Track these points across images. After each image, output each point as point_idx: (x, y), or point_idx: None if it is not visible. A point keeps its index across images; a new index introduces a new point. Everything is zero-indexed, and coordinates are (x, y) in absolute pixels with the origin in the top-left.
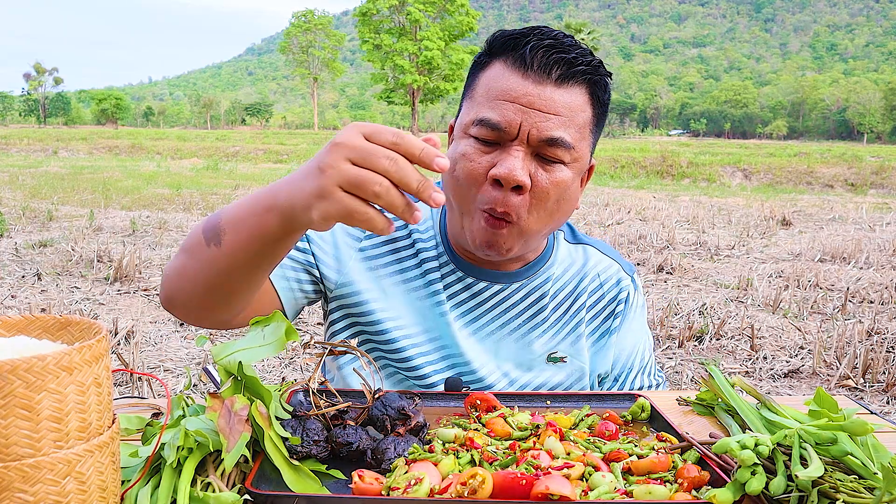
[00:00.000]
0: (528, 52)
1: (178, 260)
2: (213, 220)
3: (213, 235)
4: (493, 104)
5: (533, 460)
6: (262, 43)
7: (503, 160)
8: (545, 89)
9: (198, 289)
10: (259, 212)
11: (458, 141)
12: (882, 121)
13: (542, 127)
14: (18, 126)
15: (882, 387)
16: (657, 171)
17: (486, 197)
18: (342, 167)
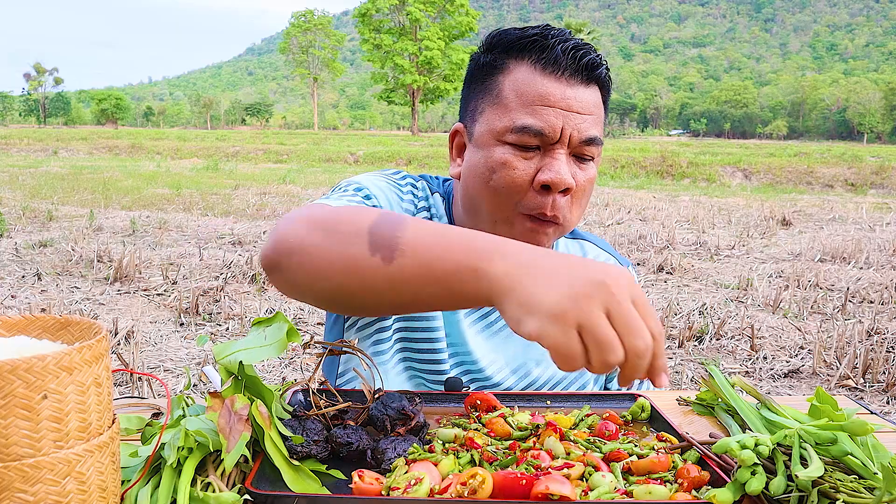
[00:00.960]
0: (560, 52)
1: (309, 232)
2: (390, 230)
3: (384, 248)
4: (531, 110)
5: (533, 460)
6: (262, 43)
7: (549, 165)
8: (578, 91)
9: (325, 282)
10: (456, 264)
11: (489, 148)
12: (882, 121)
13: (582, 128)
14: (18, 126)
15: (882, 387)
16: (657, 171)
17: (532, 203)
18: (599, 320)
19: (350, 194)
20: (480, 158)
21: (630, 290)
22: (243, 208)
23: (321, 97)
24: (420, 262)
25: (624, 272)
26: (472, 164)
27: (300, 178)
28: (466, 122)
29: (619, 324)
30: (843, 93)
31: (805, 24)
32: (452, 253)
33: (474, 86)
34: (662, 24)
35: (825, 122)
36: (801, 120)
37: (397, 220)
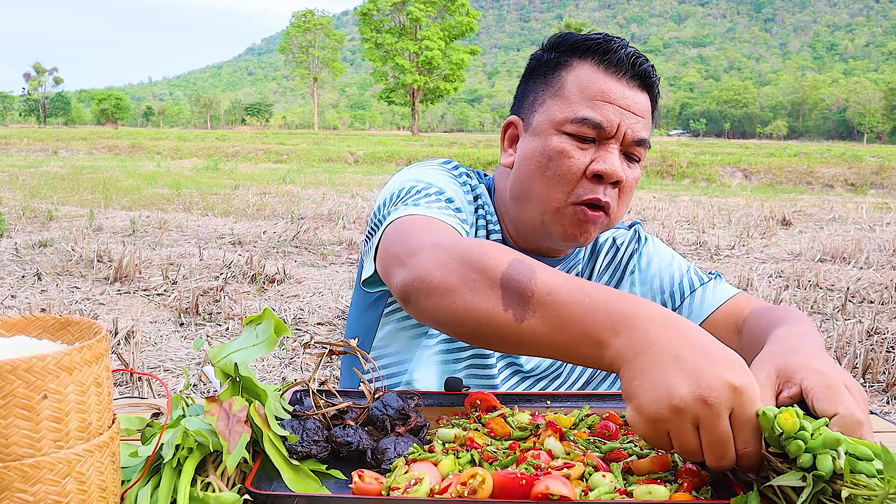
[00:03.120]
0: (623, 56)
1: (445, 276)
2: (522, 282)
3: (516, 305)
4: (592, 104)
5: (533, 460)
6: (262, 43)
7: (603, 157)
8: (636, 94)
9: (461, 329)
10: (585, 334)
11: (547, 137)
12: (882, 121)
13: (636, 129)
14: (18, 126)
15: (882, 387)
16: (657, 171)
17: (583, 191)
18: (689, 433)
19: (434, 199)
20: (538, 146)
21: (732, 404)
22: (243, 208)
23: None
24: (550, 324)
25: (737, 384)
26: (528, 152)
27: (300, 178)
28: (523, 115)
29: (706, 441)
30: (843, 93)
31: (805, 24)
32: (583, 319)
33: (535, 80)
34: (662, 24)
35: (825, 122)
36: (801, 120)
37: (527, 270)
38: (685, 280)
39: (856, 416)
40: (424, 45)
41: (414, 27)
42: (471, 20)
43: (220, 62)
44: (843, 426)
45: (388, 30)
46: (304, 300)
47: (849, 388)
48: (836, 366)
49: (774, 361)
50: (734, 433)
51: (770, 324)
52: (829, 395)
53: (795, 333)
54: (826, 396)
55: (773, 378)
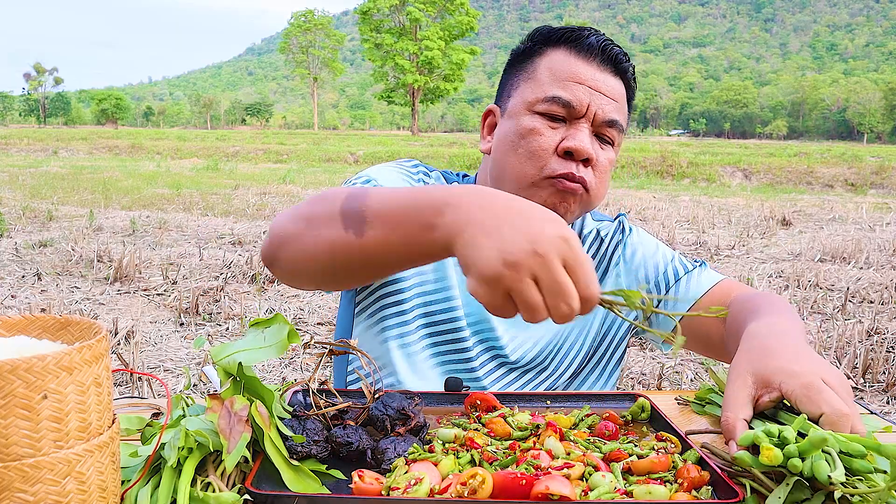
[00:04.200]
0: (594, 41)
1: (294, 224)
2: (356, 205)
3: (354, 223)
4: (562, 84)
5: (533, 460)
6: (262, 43)
7: (573, 135)
8: (607, 77)
9: (312, 264)
10: (416, 224)
11: (519, 118)
12: (882, 121)
13: (606, 109)
14: (18, 126)
15: (882, 387)
16: (657, 171)
17: (557, 166)
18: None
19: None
20: (511, 127)
21: (562, 253)
22: (243, 208)
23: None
24: (386, 229)
25: (560, 234)
26: (503, 134)
27: (300, 178)
28: (501, 102)
29: (545, 289)
30: (843, 93)
31: (805, 24)
32: (411, 212)
33: (512, 70)
34: (662, 24)
35: (825, 122)
36: (801, 120)
37: (361, 193)
38: (670, 269)
39: (841, 411)
40: (424, 45)
41: (414, 27)
42: (471, 20)
43: (220, 62)
44: (831, 424)
45: (388, 30)
46: (303, 300)
47: (828, 383)
48: (812, 360)
49: (751, 367)
50: (572, 279)
51: (747, 316)
52: (810, 395)
53: (771, 328)
54: (807, 398)
55: (749, 384)
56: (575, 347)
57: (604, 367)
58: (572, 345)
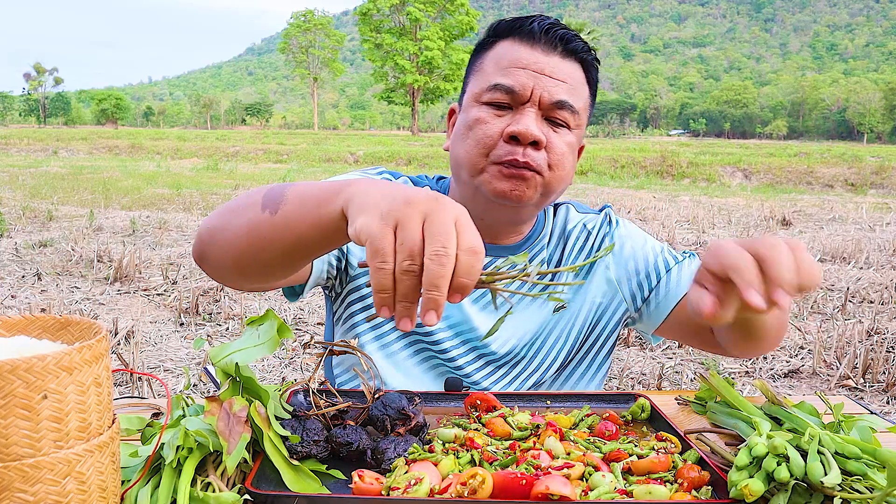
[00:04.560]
0: (536, 27)
1: (220, 218)
2: (278, 189)
3: (272, 203)
4: (505, 72)
5: (533, 460)
6: (262, 43)
7: (518, 119)
8: (552, 59)
9: (234, 250)
10: (326, 193)
11: (468, 110)
12: (882, 121)
13: (553, 91)
14: (18, 126)
15: (882, 387)
16: (657, 171)
17: (503, 152)
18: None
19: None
20: (462, 120)
21: (456, 213)
22: None
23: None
24: (299, 205)
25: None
26: (456, 129)
27: (300, 177)
28: (461, 99)
29: (428, 230)
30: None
31: (805, 24)
32: (318, 194)
33: (468, 68)
34: (662, 24)
35: (825, 122)
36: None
37: (287, 184)
38: (660, 260)
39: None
40: (424, 45)
41: (414, 27)
42: (471, 20)
43: (220, 62)
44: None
45: (388, 30)
46: (303, 300)
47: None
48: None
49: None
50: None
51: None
52: (710, 254)
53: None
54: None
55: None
56: (560, 340)
57: (592, 359)
58: (557, 338)
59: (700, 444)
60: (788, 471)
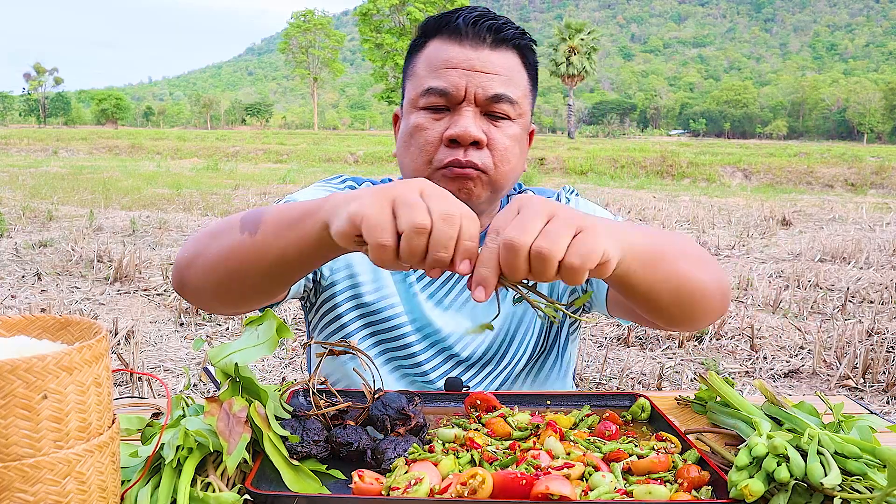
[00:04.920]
0: (462, 22)
1: (198, 243)
2: (256, 212)
3: (251, 225)
4: (436, 73)
5: (533, 460)
6: (262, 43)
7: (456, 121)
8: (482, 52)
9: (215, 274)
10: (303, 213)
11: (407, 117)
12: (882, 121)
13: (487, 86)
14: (18, 126)
15: (882, 387)
16: (657, 171)
17: (444, 156)
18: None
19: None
20: (404, 127)
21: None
22: (243, 208)
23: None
24: (277, 224)
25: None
26: (398, 136)
27: (300, 178)
28: (402, 105)
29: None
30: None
31: (805, 24)
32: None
33: (404, 73)
34: (662, 24)
35: (825, 122)
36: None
37: (260, 209)
38: None
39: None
40: None
41: (414, 27)
42: None
43: (220, 62)
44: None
45: (388, 30)
46: None
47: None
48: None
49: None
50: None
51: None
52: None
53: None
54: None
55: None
56: (528, 335)
57: (559, 351)
58: (525, 333)
59: (700, 444)
60: (788, 471)
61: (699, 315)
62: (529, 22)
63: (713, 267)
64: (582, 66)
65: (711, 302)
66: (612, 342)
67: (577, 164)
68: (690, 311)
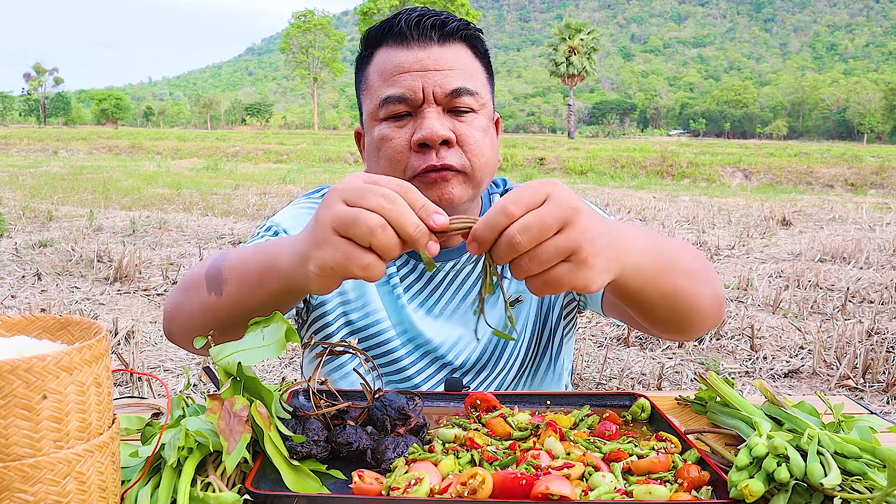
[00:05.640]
0: (404, 25)
1: (176, 297)
2: (216, 267)
3: (215, 284)
4: (390, 82)
5: (533, 460)
6: (262, 43)
7: (420, 125)
8: (432, 51)
9: (195, 329)
10: (260, 270)
11: (371, 131)
12: (882, 121)
13: (444, 83)
14: (18, 126)
15: (882, 387)
16: (657, 171)
17: (416, 164)
18: (336, 208)
19: (260, 237)
20: (369, 143)
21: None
22: (243, 208)
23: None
24: (239, 284)
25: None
26: (366, 153)
27: (300, 178)
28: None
29: (355, 199)
30: (843, 93)
31: (805, 24)
32: (258, 267)
33: (357, 88)
34: (662, 24)
35: (825, 122)
36: (801, 120)
37: (221, 257)
38: None
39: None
40: None
41: None
42: (471, 20)
43: (220, 62)
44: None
45: None
46: None
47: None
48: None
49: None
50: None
51: None
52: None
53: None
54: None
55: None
56: (520, 341)
57: (552, 355)
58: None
59: (700, 444)
60: (788, 471)
61: (694, 327)
62: (529, 22)
63: (712, 279)
64: (582, 66)
65: (707, 315)
66: (612, 342)
67: (576, 164)
68: (687, 322)
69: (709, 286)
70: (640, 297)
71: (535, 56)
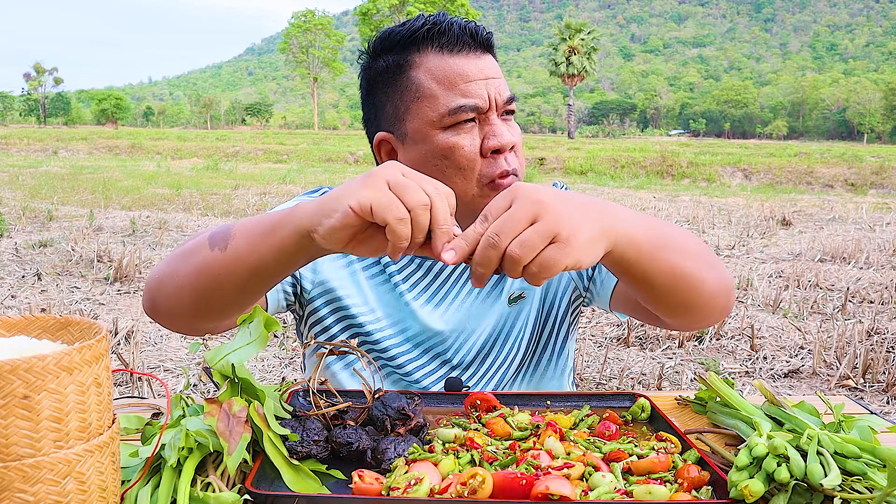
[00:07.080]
0: (456, 30)
1: (168, 265)
2: (223, 228)
3: (221, 241)
4: (458, 90)
5: (533, 460)
6: (262, 43)
7: (491, 132)
8: (484, 58)
9: (187, 293)
10: (275, 221)
11: (430, 139)
12: (882, 121)
13: (501, 90)
14: (18, 126)
15: (882, 387)
16: (657, 171)
17: (489, 170)
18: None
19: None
20: (426, 152)
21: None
22: (243, 208)
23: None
24: (248, 237)
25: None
26: (419, 162)
27: (300, 178)
28: (392, 128)
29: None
30: (843, 93)
31: (805, 24)
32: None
33: (383, 90)
34: (662, 24)
35: (825, 122)
36: (801, 120)
37: (227, 225)
38: None
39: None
40: None
41: None
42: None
43: (220, 62)
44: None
45: None
46: None
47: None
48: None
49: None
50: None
51: None
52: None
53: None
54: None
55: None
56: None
57: (554, 350)
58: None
59: (700, 444)
60: (788, 471)
61: (701, 311)
62: (529, 22)
63: (715, 264)
64: (582, 66)
65: (713, 300)
66: (612, 342)
67: (577, 164)
68: (692, 306)
69: (713, 270)
70: (637, 272)
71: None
